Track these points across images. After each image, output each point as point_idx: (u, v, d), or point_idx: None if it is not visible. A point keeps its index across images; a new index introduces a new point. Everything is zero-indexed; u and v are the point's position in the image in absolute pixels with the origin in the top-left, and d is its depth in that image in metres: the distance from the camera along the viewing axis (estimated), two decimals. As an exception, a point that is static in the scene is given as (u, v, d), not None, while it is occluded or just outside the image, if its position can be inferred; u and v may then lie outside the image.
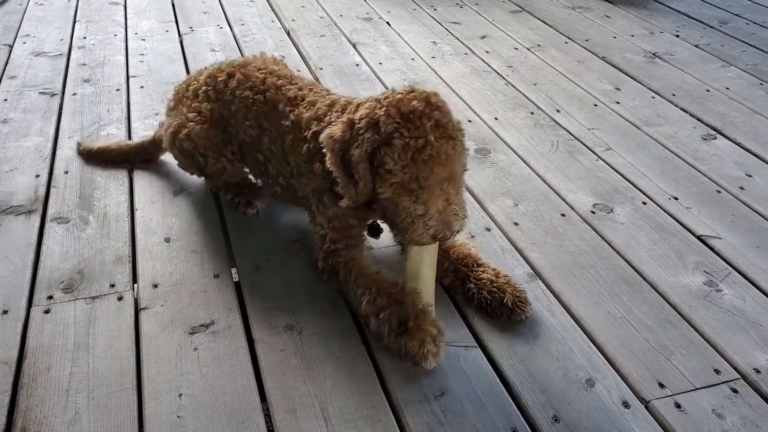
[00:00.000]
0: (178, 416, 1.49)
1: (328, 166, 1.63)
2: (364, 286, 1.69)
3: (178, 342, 1.68)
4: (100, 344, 1.67)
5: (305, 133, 1.80)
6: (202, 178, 2.25)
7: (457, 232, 1.61)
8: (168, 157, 2.37)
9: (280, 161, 1.93)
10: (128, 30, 3.74)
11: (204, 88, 2.06)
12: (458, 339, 1.71)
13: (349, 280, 1.74)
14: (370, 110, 1.61)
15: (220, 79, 2.04)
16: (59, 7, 4.05)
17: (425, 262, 1.70)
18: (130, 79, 3.13)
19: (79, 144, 2.48)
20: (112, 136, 2.61)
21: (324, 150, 1.65)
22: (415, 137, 1.53)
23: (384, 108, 1.58)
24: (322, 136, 1.66)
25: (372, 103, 1.63)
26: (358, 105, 1.69)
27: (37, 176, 2.34)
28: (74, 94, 2.97)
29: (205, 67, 2.16)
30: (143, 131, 2.66)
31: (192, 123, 2.04)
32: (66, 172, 2.37)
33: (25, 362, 1.62)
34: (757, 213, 2.27)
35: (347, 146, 1.60)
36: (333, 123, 1.70)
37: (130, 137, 2.63)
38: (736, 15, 4.25)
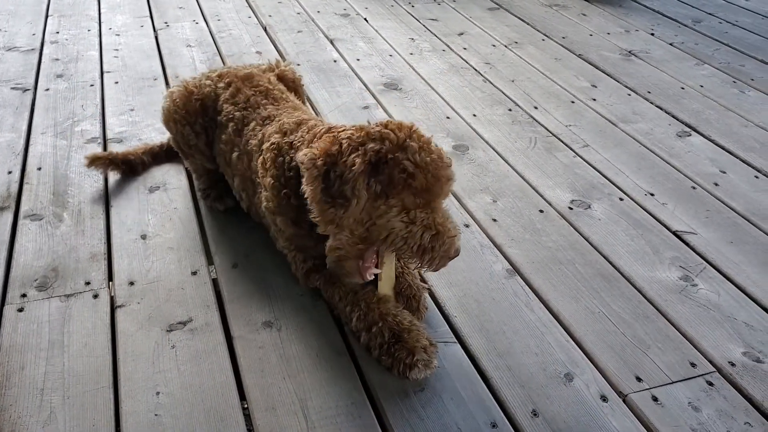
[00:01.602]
0: (156, 414, 1.47)
1: (305, 186, 1.51)
2: (352, 303, 1.66)
3: (155, 340, 1.66)
4: (76, 342, 1.64)
5: (263, 146, 1.78)
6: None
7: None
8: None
9: (245, 179, 1.92)
10: (102, 25, 3.69)
11: (208, 81, 2.08)
12: (438, 335, 1.71)
13: (334, 298, 1.72)
14: (361, 129, 1.53)
15: (220, 84, 2.05)
16: (31, 1, 3.97)
17: (392, 269, 1.71)
18: (105, 75, 3.08)
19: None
20: (87, 132, 2.57)
21: (302, 169, 1.52)
22: (427, 143, 1.52)
23: (379, 127, 1.52)
24: (300, 155, 1.53)
25: (357, 127, 1.55)
26: (338, 127, 1.60)
27: (10, 173, 2.30)
28: (47, 89, 2.92)
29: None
30: (119, 127, 2.63)
31: (183, 87, 2.09)
32: (39, 169, 2.33)
33: (-2, 361, 1.59)
34: (731, 209, 2.30)
35: (334, 162, 1.47)
36: (311, 143, 1.59)
37: (105, 133, 2.59)
38: (710, 14, 4.31)
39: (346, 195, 1.45)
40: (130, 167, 2.29)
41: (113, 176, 2.28)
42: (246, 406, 1.52)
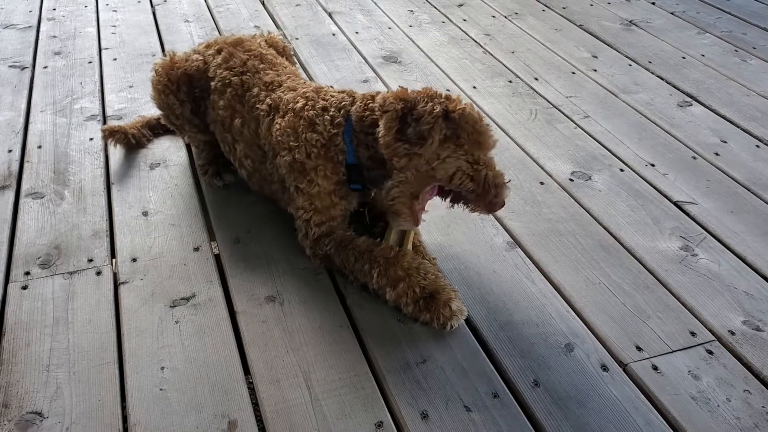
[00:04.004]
0: (161, 389, 1.49)
1: (381, 128, 1.62)
2: (371, 261, 1.69)
3: (158, 315, 1.67)
4: (80, 319, 1.66)
5: (290, 105, 1.80)
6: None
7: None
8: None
9: (251, 145, 1.92)
10: (99, 1, 3.65)
11: (196, 56, 2.09)
12: (439, 307, 1.72)
13: (350, 260, 1.73)
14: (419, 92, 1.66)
15: (209, 52, 2.06)
16: (27, -22, 3.94)
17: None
18: (103, 51, 3.07)
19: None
20: (86, 109, 2.57)
21: (380, 112, 1.64)
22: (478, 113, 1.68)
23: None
24: (378, 98, 1.67)
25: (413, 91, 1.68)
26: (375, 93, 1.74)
27: (10, 151, 2.30)
28: (45, 67, 2.91)
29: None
30: (118, 104, 2.62)
31: (168, 58, 2.11)
32: (39, 147, 2.33)
33: (4, 339, 1.60)
34: (732, 178, 2.30)
35: (413, 107, 1.60)
36: (366, 100, 1.72)
37: (104, 110, 2.58)
38: (712, -19, 4.25)
39: (423, 135, 1.58)
40: (137, 141, 2.32)
41: (118, 151, 2.28)
42: (250, 379, 1.54)
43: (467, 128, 1.61)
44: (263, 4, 3.68)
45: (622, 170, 2.33)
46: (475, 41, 3.31)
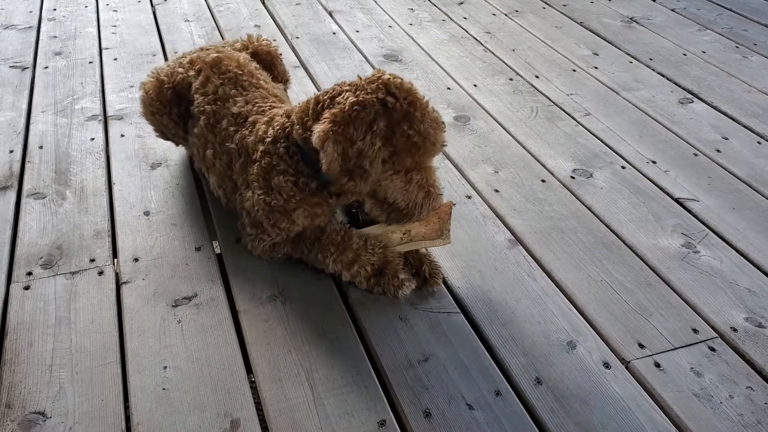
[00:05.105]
0: (164, 389, 1.49)
1: (326, 166, 1.53)
2: (322, 249, 1.73)
3: (161, 315, 1.68)
4: (82, 319, 1.66)
5: (254, 156, 1.75)
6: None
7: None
8: (145, 131, 2.34)
9: (223, 177, 1.89)
10: (99, 1, 3.65)
11: (181, 69, 2.03)
12: (441, 305, 1.72)
13: (305, 252, 1.77)
14: (357, 93, 1.54)
15: (191, 72, 2.00)
16: (27, -22, 3.94)
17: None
18: (103, 51, 3.07)
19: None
20: (87, 109, 2.57)
21: (321, 153, 1.53)
22: (426, 109, 1.57)
23: (380, 92, 1.53)
24: (315, 138, 1.53)
25: (347, 94, 1.55)
26: (326, 100, 1.59)
27: (11, 152, 2.30)
28: (46, 67, 2.91)
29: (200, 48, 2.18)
30: (119, 104, 2.62)
31: (155, 77, 2.07)
32: (41, 147, 2.33)
33: (7, 339, 1.61)
34: (733, 175, 2.30)
35: (351, 141, 1.50)
36: (314, 123, 1.58)
37: (105, 110, 2.58)
38: (712, -22, 4.25)
39: (365, 168, 1.54)
40: None
41: (119, 151, 2.28)
42: (253, 378, 1.54)
43: (403, 149, 1.54)
44: (263, 3, 3.68)
45: (623, 167, 2.32)
46: (476, 39, 3.31)
